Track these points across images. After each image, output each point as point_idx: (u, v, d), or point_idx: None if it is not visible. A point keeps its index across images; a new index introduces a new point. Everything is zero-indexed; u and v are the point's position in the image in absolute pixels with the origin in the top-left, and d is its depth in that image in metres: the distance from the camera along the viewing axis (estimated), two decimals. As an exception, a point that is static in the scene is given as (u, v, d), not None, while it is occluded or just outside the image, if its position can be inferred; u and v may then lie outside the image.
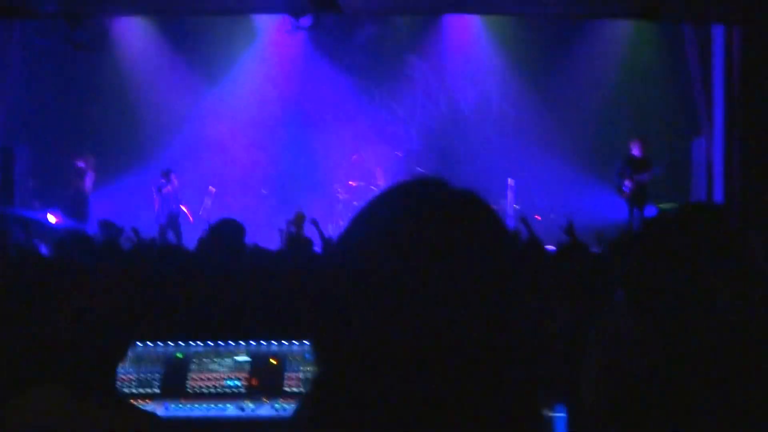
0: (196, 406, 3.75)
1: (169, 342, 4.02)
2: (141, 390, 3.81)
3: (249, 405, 3.76)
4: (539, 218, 15.26)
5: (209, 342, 4.02)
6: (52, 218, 14.12)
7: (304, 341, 3.95)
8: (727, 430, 2.51)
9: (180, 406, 3.75)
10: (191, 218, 15.37)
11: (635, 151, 13.95)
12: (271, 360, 3.95)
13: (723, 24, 12.55)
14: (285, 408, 3.72)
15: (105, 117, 16.41)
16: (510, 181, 15.57)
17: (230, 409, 3.74)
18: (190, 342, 4.03)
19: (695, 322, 2.81)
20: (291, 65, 16.75)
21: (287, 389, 3.81)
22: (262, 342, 4.04)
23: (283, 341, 3.99)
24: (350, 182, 15.92)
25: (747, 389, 2.52)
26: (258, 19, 15.93)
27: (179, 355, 3.97)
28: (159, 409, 3.67)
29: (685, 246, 3.25)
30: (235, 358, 3.98)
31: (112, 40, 15.61)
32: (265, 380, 3.86)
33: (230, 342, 4.04)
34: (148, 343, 3.98)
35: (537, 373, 1.20)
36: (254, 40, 16.59)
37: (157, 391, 3.81)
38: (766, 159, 12.13)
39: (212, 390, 3.82)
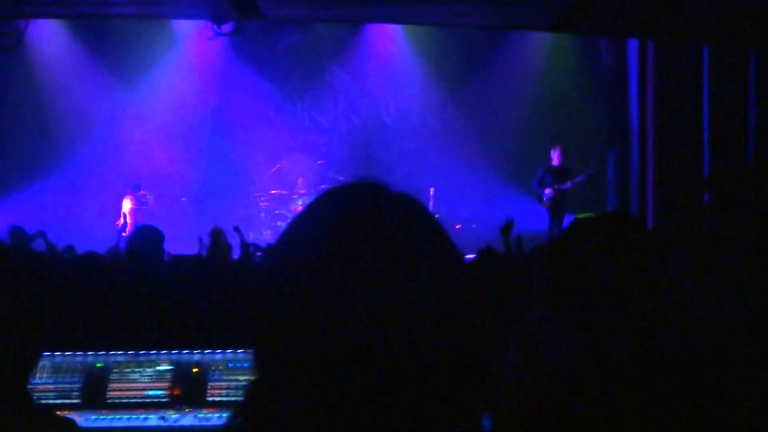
0: (118, 416, 3.68)
1: (89, 351, 3.94)
2: (60, 401, 3.72)
3: (172, 415, 3.70)
4: (459, 227, 15.42)
5: (130, 351, 3.96)
6: None
7: (227, 350, 3.91)
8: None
9: (101, 416, 3.68)
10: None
11: (555, 160, 14.15)
12: (194, 369, 3.90)
13: (637, 38, 12.85)
14: (208, 417, 3.67)
15: (19, 120, 16.05)
16: (431, 190, 15.67)
17: (152, 420, 3.67)
18: (111, 351, 3.95)
19: (610, 328, 2.88)
20: (212, 71, 16.61)
21: (210, 398, 3.76)
22: (183, 351, 3.99)
23: (205, 350, 3.95)
24: (272, 191, 15.85)
25: (661, 394, 2.59)
26: (178, 23, 15.76)
27: (99, 364, 3.90)
28: (79, 420, 3.58)
29: (601, 252, 3.32)
30: (157, 367, 3.92)
31: (28, 43, 15.27)
32: (187, 389, 3.80)
33: (151, 351, 3.98)
34: (67, 352, 3.90)
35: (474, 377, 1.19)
36: (174, 45, 16.40)
37: (77, 401, 3.73)
38: (679, 171, 12.43)
39: (134, 400, 3.76)
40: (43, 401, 3.65)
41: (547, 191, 13.90)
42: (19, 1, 9.02)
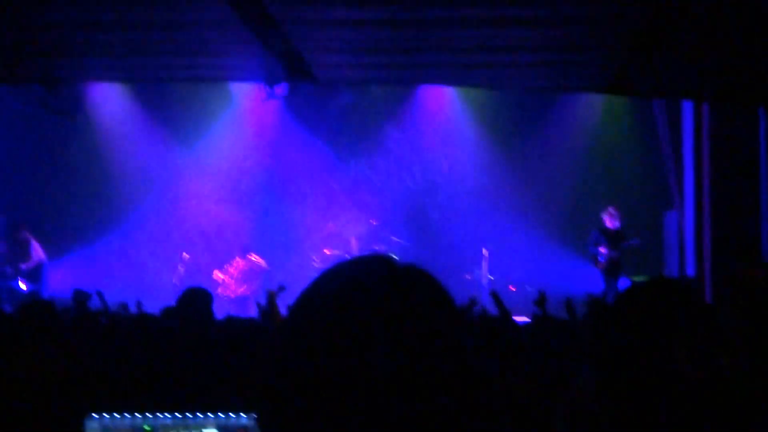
0: (162, 480, 3.66)
1: (137, 414, 3.94)
2: (106, 463, 3.72)
3: (216, 480, 3.67)
4: (513, 289, 15.30)
5: (177, 414, 3.95)
6: (23, 285, 14.02)
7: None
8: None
9: (146, 480, 3.67)
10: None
11: (608, 222, 14.07)
12: (240, 432, 3.87)
13: (691, 100, 12.77)
14: (253, 483, 3.64)
15: (78, 180, 16.39)
16: (484, 251, 15.61)
17: (197, 485, 3.65)
18: (158, 414, 3.95)
19: (659, 395, 2.82)
20: (267, 131, 16.82)
21: (255, 463, 3.73)
22: (231, 414, 3.97)
23: (253, 414, 3.93)
24: (325, 250, 15.90)
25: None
26: (234, 84, 16.02)
27: (146, 427, 3.89)
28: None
29: (649, 319, 3.28)
30: (203, 430, 3.91)
31: (87, 105, 15.65)
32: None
33: (198, 414, 3.97)
34: (115, 414, 3.90)
35: None
36: (230, 106, 16.66)
37: (122, 465, 3.72)
38: (736, 233, 12.24)
39: (179, 464, 3.74)
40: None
41: (602, 253, 13.80)
42: (79, 66, 9.29)
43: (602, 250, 13.77)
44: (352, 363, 1.13)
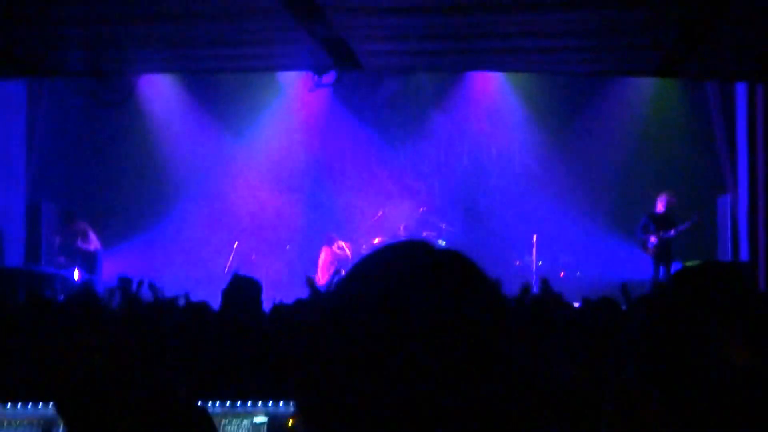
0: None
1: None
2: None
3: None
4: (562, 274, 15.19)
5: (226, 402, 3.98)
6: (76, 275, 14.24)
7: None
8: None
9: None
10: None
11: (660, 206, 13.87)
12: (289, 421, 3.89)
13: (745, 82, 12.54)
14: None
15: (128, 171, 16.60)
16: (534, 236, 15.51)
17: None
18: (208, 402, 3.98)
19: (709, 384, 2.77)
20: (315, 120, 16.86)
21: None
22: (280, 402, 3.99)
23: (293, 401, 3.93)
24: (375, 238, 15.92)
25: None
26: (283, 73, 16.06)
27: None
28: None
29: (700, 305, 3.21)
30: (254, 419, 3.93)
31: (138, 97, 15.80)
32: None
33: (248, 402, 4.00)
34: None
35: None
36: (279, 95, 16.73)
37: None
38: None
39: (230, 453, 3.77)
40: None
41: (652, 239, 13.63)
42: (128, 58, 9.39)
43: (651, 238, 13.60)
44: (391, 351, 1.13)
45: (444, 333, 1.13)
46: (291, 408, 3.93)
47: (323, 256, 15.65)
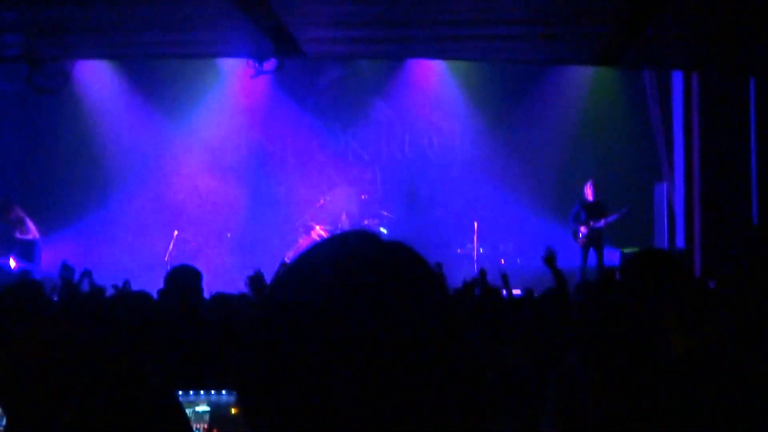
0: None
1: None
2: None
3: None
4: (503, 261, 15.32)
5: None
6: (12, 263, 13.97)
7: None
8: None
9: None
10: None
11: (589, 195, 14.10)
12: (232, 410, 3.87)
13: (682, 70, 12.74)
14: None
15: (66, 158, 16.32)
16: (475, 224, 15.62)
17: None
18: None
19: (648, 367, 2.82)
20: (256, 107, 16.74)
21: (247, 440, 3.72)
22: (222, 391, 3.97)
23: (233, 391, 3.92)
24: (316, 226, 15.88)
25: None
26: (223, 60, 15.92)
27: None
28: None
29: (636, 292, 3.27)
30: (195, 408, 3.90)
31: (75, 82, 15.53)
32: (225, 431, 3.79)
33: (189, 392, 3.96)
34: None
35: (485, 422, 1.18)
36: (219, 81, 16.57)
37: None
38: (725, 204, 12.26)
39: (169, 443, 3.73)
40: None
41: (582, 229, 13.86)
42: (65, 43, 9.20)
43: (582, 228, 13.85)
44: (334, 341, 1.11)
45: (390, 324, 1.13)
46: (233, 397, 3.91)
47: (302, 242, 15.51)
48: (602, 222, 13.74)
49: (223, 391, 3.96)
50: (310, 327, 1.13)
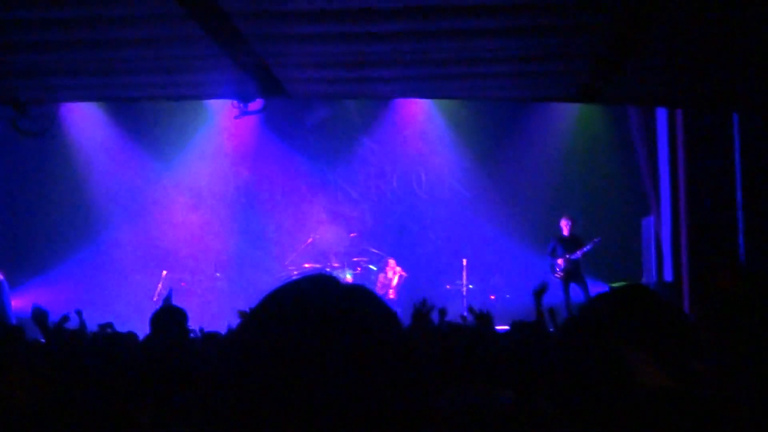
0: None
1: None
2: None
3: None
4: (492, 297, 15.32)
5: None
6: None
7: None
8: None
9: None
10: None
11: (564, 230, 14.36)
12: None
13: (663, 107, 12.84)
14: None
15: (53, 200, 16.31)
16: (464, 261, 15.63)
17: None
18: None
19: (622, 405, 2.82)
20: (244, 146, 16.82)
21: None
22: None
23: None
24: (305, 264, 15.88)
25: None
26: (210, 101, 15.99)
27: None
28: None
29: (617, 328, 3.28)
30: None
31: (61, 125, 15.56)
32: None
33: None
34: None
35: None
36: (207, 121, 16.65)
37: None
38: (712, 237, 12.30)
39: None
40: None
41: (559, 262, 14.10)
42: (49, 86, 9.23)
43: (559, 261, 14.11)
44: (293, 382, 1.16)
45: (347, 360, 1.17)
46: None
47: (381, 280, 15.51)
48: (578, 253, 14.00)
49: None
50: (270, 366, 1.17)
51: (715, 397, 2.74)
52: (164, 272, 15.75)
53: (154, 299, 15.11)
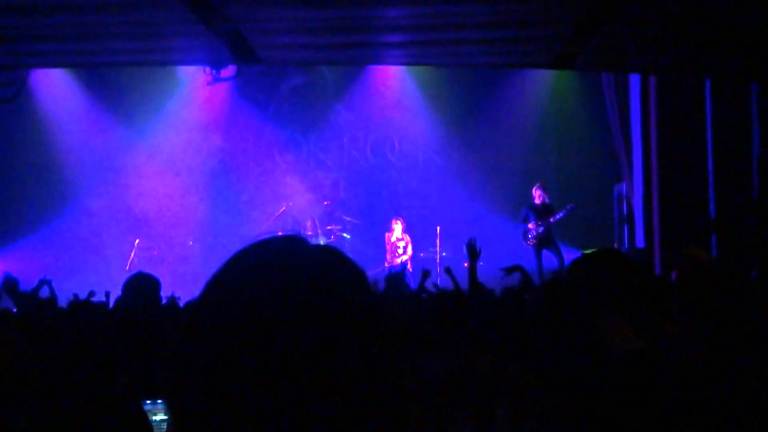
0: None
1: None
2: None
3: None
4: (466, 265, 15.36)
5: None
6: None
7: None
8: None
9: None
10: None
11: (536, 198, 14.37)
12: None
13: (638, 73, 12.87)
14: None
15: (23, 167, 16.15)
16: (437, 228, 15.65)
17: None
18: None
19: (588, 368, 2.85)
20: (217, 113, 16.70)
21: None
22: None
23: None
24: (279, 233, 15.80)
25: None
26: (182, 67, 15.84)
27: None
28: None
29: (590, 292, 3.30)
30: (153, 417, 3.87)
31: (31, 91, 15.38)
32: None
33: (147, 400, 3.94)
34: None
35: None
36: (179, 88, 16.49)
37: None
38: (684, 204, 12.39)
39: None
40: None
41: (530, 226, 14.14)
42: (19, 52, 9.11)
43: (530, 226, 14.12)
44: (260, 345, 1.11)
45: (317, 326, 1.13)
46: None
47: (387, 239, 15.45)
48: (551, 220, 14.02)
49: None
50: (234, 332, 1.13)
51: (688, 358, 2.77)
52: (137, 240, 15.66)
53: (127, 268, 15.03)
